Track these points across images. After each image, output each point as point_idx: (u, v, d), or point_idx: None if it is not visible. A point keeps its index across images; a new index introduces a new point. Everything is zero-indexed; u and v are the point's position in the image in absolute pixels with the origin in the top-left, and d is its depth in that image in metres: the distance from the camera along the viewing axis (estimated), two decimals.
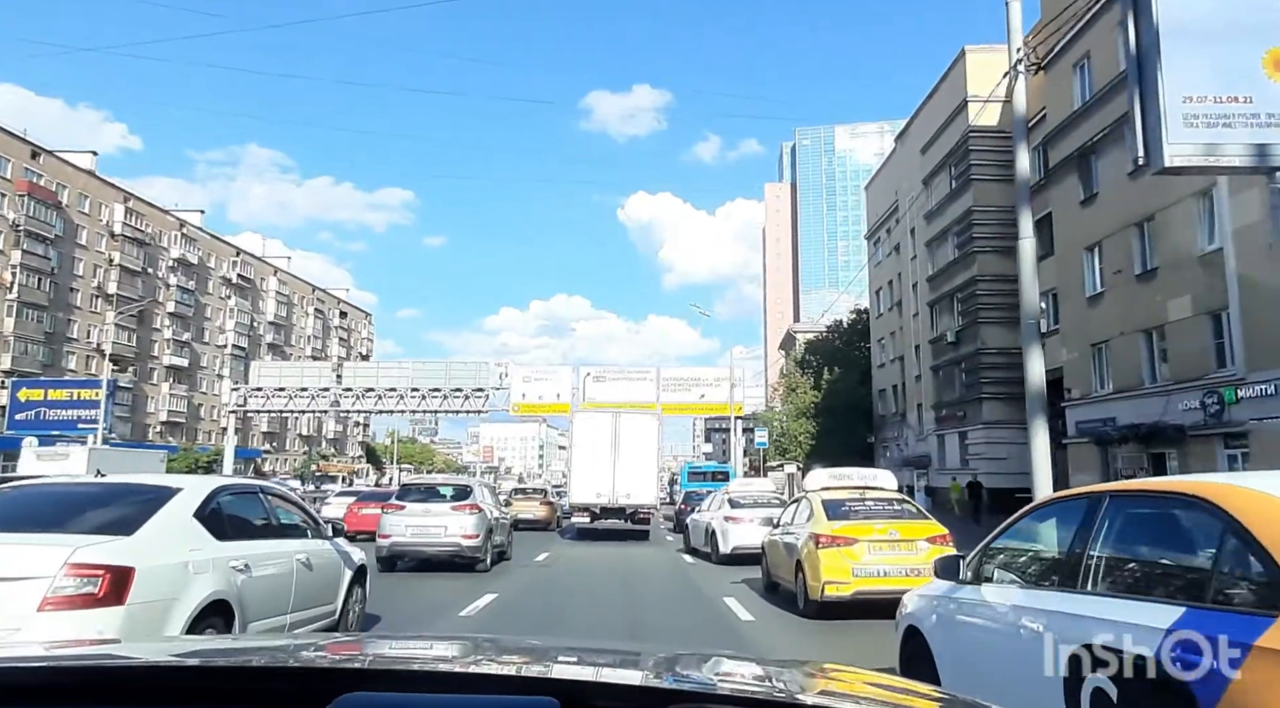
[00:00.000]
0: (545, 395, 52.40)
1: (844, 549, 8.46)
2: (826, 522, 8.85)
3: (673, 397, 51.53)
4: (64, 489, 5.90)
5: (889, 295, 41.46)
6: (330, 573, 6.73)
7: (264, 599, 5.52)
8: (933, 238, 33.67)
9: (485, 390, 53.66)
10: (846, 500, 9.43)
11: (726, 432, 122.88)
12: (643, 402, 51.45)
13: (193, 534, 5.01)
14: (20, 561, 4.17)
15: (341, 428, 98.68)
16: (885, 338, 42.26)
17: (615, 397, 51.00)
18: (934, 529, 8.88)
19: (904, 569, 8.23)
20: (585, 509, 21.34)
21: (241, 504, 5.91)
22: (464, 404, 53.75)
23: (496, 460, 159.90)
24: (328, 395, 53.55)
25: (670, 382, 52.26)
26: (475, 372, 54.00)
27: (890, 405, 41.55)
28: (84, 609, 4.10)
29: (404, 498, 13.56)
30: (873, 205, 44.98)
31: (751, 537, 13.49)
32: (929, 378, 34.65)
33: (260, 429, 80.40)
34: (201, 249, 70.99)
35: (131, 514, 4.81)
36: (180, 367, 67.78)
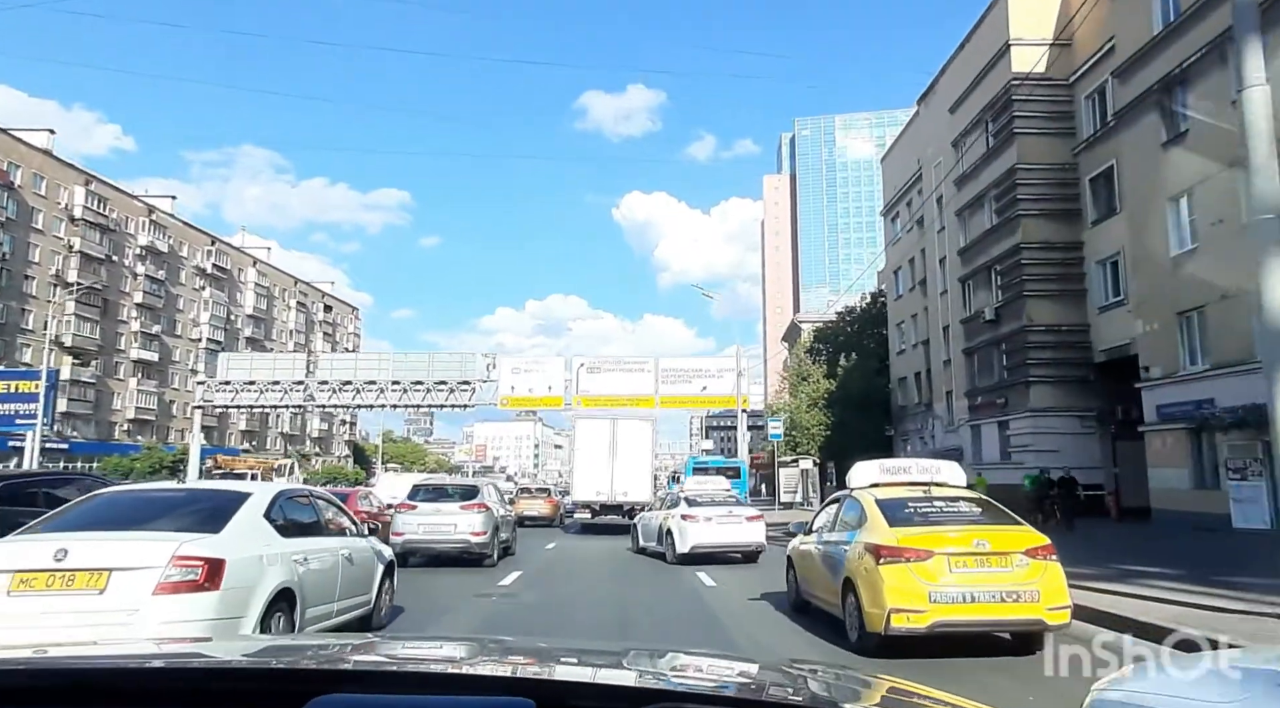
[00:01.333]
0: (535, 388, 48.77)
1: (915, 566, 6.47)
2: (888, 529, 6.91)
3: (672, 389, 48.06)
4: (155, 494, 6.93)
5: (909, 275, 37.80)
6: (367, 567, 7.54)
7: (318, 589, 6.41)
8: (965, 205, 30.01)
9: (472, 383, 50.01)
10: (909, 500, 7.44)
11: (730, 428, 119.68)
12: (640, 395, 48.00)
13: (264, 532, 5.91)
14: (136, 553, 5.08)
15: (326, 426, 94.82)
16: (906, 321, 38.60)
17: (610, 389, 47.52)
18: (1032, 538, 6.72)
19: (998, 593, 6.30)
20: (586, 506, 23.61)
21: (296, 507, 6.77)
22: (449, 398, 50.08)
23: (491, 460, 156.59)
24: (302, 389, 49.80)
25: (669, 373, 48.75)
26: (461, 364, 50.30)
27: (912, 395, 37.90)
28: (188, 594, 4.99)
29: (415, 498, 14.26)
30: (890, 179, 41.31)
31: (710, 536, 14.34)
32: (960, 362, 31.00)
33: (238, 427, 76.57)
34: (173, 237, 67.11)
35: (215, 515, 5.70)
36: (149, 361, 63.90)
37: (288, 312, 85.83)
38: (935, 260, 33.35)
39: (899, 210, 39.42)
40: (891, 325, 41.21)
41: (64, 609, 4.75)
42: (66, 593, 4.84)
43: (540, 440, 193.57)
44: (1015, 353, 26.63)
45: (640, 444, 23.79)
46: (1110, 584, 9.16)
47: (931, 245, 33.73)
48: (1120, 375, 23.46)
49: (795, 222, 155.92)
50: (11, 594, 4.84)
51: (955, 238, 31.18)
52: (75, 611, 4.75)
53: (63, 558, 4.90)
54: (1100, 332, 24.50)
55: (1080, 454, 24.75)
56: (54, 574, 4.88)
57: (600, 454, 23.18)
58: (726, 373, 49.92)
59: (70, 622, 4.65)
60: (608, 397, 48.03)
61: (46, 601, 4.81)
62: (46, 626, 4.56)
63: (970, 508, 7.26)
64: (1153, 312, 19.84)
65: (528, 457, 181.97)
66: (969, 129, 29.48)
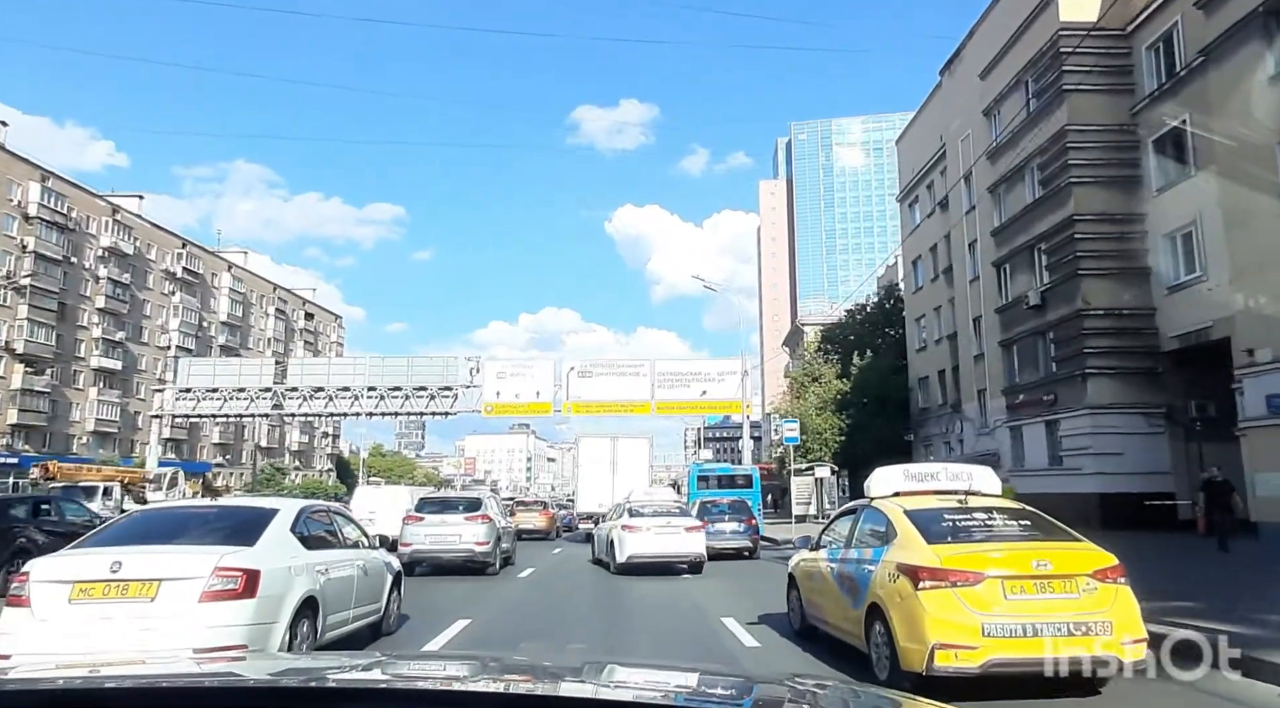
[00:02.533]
0: (523, 394, 45.12)
1: (963, 591, 5.28)
2: (926, 546, 5.68)
3: (669, 394, 44.65)
4: (191, 511, 7.49)
5: (931, 264, 34.43)
6: (378, 578, 8.09)
7: (337, 598, 6.88)
8: (1001, 180, 26.66)
9: (454, 389, 46.39)
10: (944, 512, 6.16)
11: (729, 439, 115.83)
12: (635, 400, 44.56)
13: (291, 545, 6.45)
14: (182, 565, 5.61)
15: (307, 439, 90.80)
16: (927, 315, 35.19)
17: (603, 394, 44.06)
18: (1100, 557, 5.49)
19: (1065, 625, 5.12)
20: (590, 517, 24.80)
21: (317, 522, 7.30)
22: (430, 405, 46.48)
23: (483, 473, 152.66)
24: (269, 397, 46.07)
25: (666, 377, 45.25)
26: (443, 368, 46.75)
27: (935, 396, 34.44)
28: (229, 601, 5.49)
29: (422, 510, 14.93)
30: (906, 161, 38.00)
31: (647, 546, 14.40)
32: (996, 356, 27.54)
33: (211, 440, 72.60)
34: (139, 238, 63.39)
35: (248, 529, 6.24)
36: (112, 370, 60.03)
37: (265, 319, 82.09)
38: (963, 245, 29.94)
39: (918, 194, 36.09)
40: (910, 321, 37.79)
41: (119, 615, 5.33)
42: (121, 601, 5.38)
43: (533, 454, 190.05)
44: (1067, 342, 23.18)
45: (638, 460, 26.01)
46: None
47: (958, 229, 30.33)
48: (1196, 365, 20.06)
49: (792, 228, 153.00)
50: (73, 602, 5.39)
51: (988, 218, 27.80)
52: (129, 616, 5.33)
53: (118, 570, 5.44)
54: (1169, 315, 21.08)
55: (1147, 458, 21.27)
56: (110, 584, 5.42)
57: (602, 470, 25.36)
58: (728, 376, 46.49)
59: (125, 627, 5.28)
60: (600, 402, 44.58)
61: (104, 607, 5.36)
62: (104, 630, 5.23)
63: (1017, 521, 6.14)
64: (1258, 283, 16.39)
65: (520, 470, 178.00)
66: (1005, 93, 26.17)
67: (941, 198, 32.92)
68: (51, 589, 5.42)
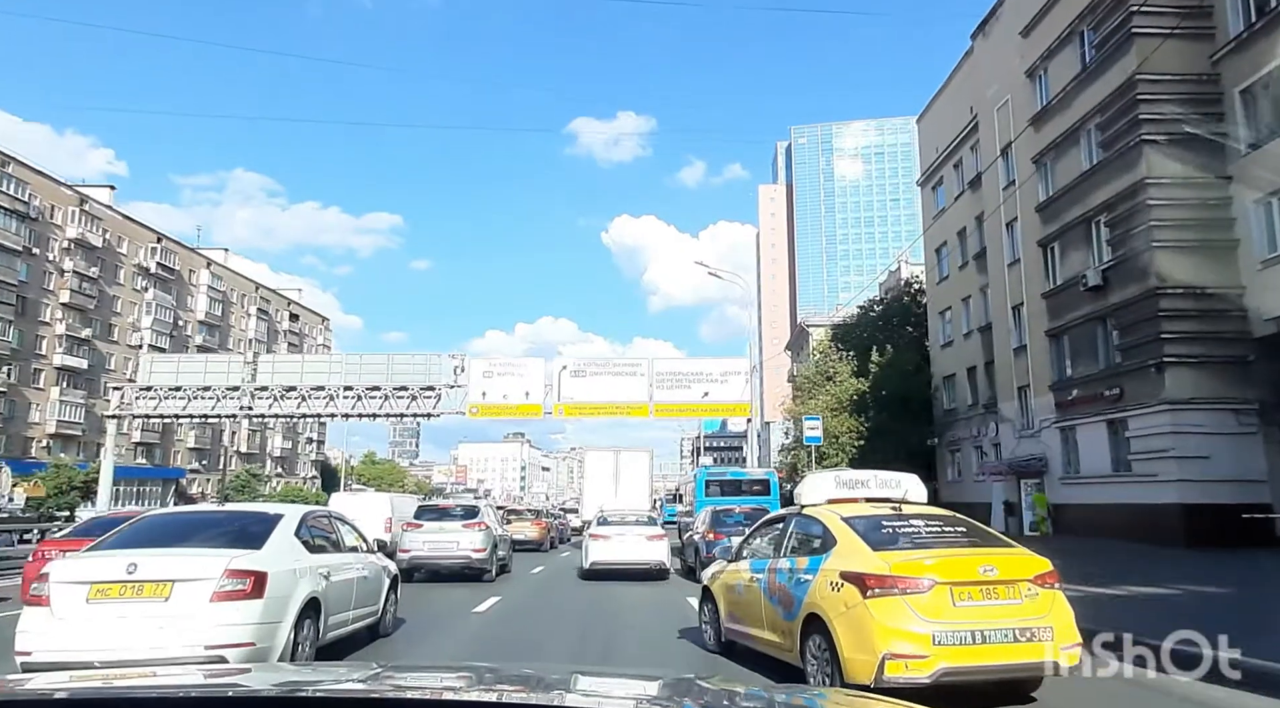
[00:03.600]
0: (511, 394, 41.71)
1: (912, 599, 5.17)
2: (871, 553, 5.56)
3: (668, 395, 41.27)
4: (201, 515, 8.07)
5: (959, 250, 31.27)
6: (376, 581, 8.35)
7: (338, 600, 7.15)
8: (1049, 147, 23.54)
9: (437, 389, 42.88)
10: (883, 519, 6.07)
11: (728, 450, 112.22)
12: (631, 402, 41.21)
13: (295, 549, 6.73)
14: (195, 567, 5.87)
15: (290, 445, 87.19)
16: (954, 307, 32.00)
17: (597, 395, 40.71)
18: (1038, 563, 5.49)
19: (1011, 630, 5.09)
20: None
21: (319, 527, 7.53)
22: (411, 406, 42.95)
23: (475, 481, 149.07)
24: (238, 396, 42.60)
25: (665, 377, 41.87)
26: (426, 367, 43.24)
27: (963, 395, 31.20)
28: (238, 601, 5.75)
29: (421, 518, 15.30)
30: (928, 140, 34.88)
31: (609, 553, 14.81)
32: (1042, 348, 24.32)
33: (186, 445, 68.97)
34: (109, 231, 59.99)
35: (255, 534, 6.51)
36: (76, 369, 56.48)
37: (246, 319, 78.61)
38: (999, 226, 26.74)
39: (942, 175, 32.97)
40: (933, 314, 34.60)
41: (135, 614, 5.58)
42: (136, 600, 5.63)
43: (527, 462, 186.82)
44: (1136, 327, 19.94)
45: (639, 471, 27.67)
46: None
47: (994, 208, 27.15)
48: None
49: (792, 233, 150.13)
50: (90, 602, 5.63)
51: (1031, 192, 24.64)
52: (144, 616, 5.57)
53: (134, 571, 5.70)
54: (1261, 295, 17.86)
55: (1238, 463, 17.99)
56: (126, 584, 5.67)
57: (606, 481, 26.93)
58: (732, 377, 43.12)
59: (140, 626, 5.53)
60: (594, 404, 41.18)
61: (120, 607, 5.61)
62: (120, 629, 5.51)
63: (954, 528, 6.05)
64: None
65: (514, 479, 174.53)
66: (1055, 48, 23.07)
67: (973, 176, 29.79)
68: (70, 590, 5.67)
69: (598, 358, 42.40)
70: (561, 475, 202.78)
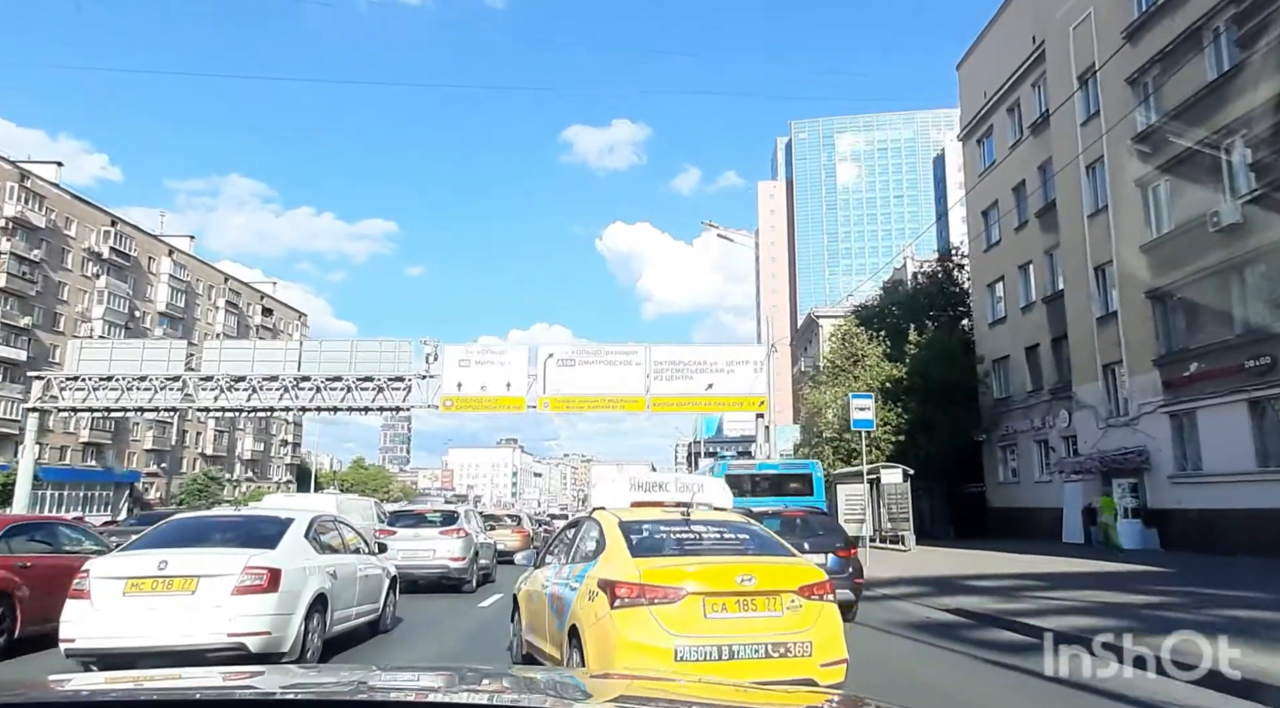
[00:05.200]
0: (490, 385, 36.69)
1: (660, 609, 4.80)
2: (629, 558, 5.22)
3: (668, 387, 36.44)
4: (220, 519, 8.11)
5: (1016, 209, 26.39)
6: (377, 581, 8.90)
7: (343, 596, 7.71)
8: (1152, 61, 18.73)
9: (406, 380, 37.79)
10: (662, 524, 5.76)
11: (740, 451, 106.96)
12: (626, 394, 36.38)
13: (305, 549, 7.26)
14: (218, 564, 6.48)
15: (262, 447, 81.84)
16: (1008, 277, 27.12)
17: (588, 386, 35.80)
18: (807, 573, 5.14)
19: (764, 646, 4.72)
20: None
21: (326, 530, 8.06)
22: (376, 399, 37.78)
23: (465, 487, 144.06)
24: (178, 387, 37.40)
25: (665, 367, 37.02)
26: (395, 356, 38.11)
27: (1021, 380, 26.30)
28: (256, 594, 6.33)
29: (395, 524, 14.44)
30: (971, 88, 30.03)
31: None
32: (1141, 312, 19.43)
33: (143, 446, 63.60)
34: (55, 211, 54.78)
35: (269, 535, 7.09)
36: (13, 360, 51.25)
37: (214, 312, 73.38)
38: (1076, 170, 21.81)
39: (992, 123, 28.12)
40: (977, 288, 29.73)
41: (165, 606, 6.20)
42: (167, 594, 6.27)
43: (519, 468, 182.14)
44: None
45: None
46: None
47: (1067, 149, 22.27)
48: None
49: (792, 230, 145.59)
50: (126, 595, 6.24)
51: (1126, 122, 19.75)
52: (174, 607, 6.19)
53: (164, 567, 6.34)
54: None
55: None
56: (157, 579, 6.31)
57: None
58: (739, 367, 38.10)
59: (170, 616, 6.15)
60: (584, 396, 36.15)
61: (152, 599, 6.23)
62: (152, 619, 6.13)
63: (737, 535, 5.65)
64: None
65: (505, 485, 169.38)
66: None
67: (1036, 117, 24.95)
68: (108, 584, 6.29)
69: (588, 346, 37.30)
70: (554, 481, 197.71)
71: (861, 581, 9.58)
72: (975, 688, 6.19)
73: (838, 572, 9.43)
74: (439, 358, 36.69)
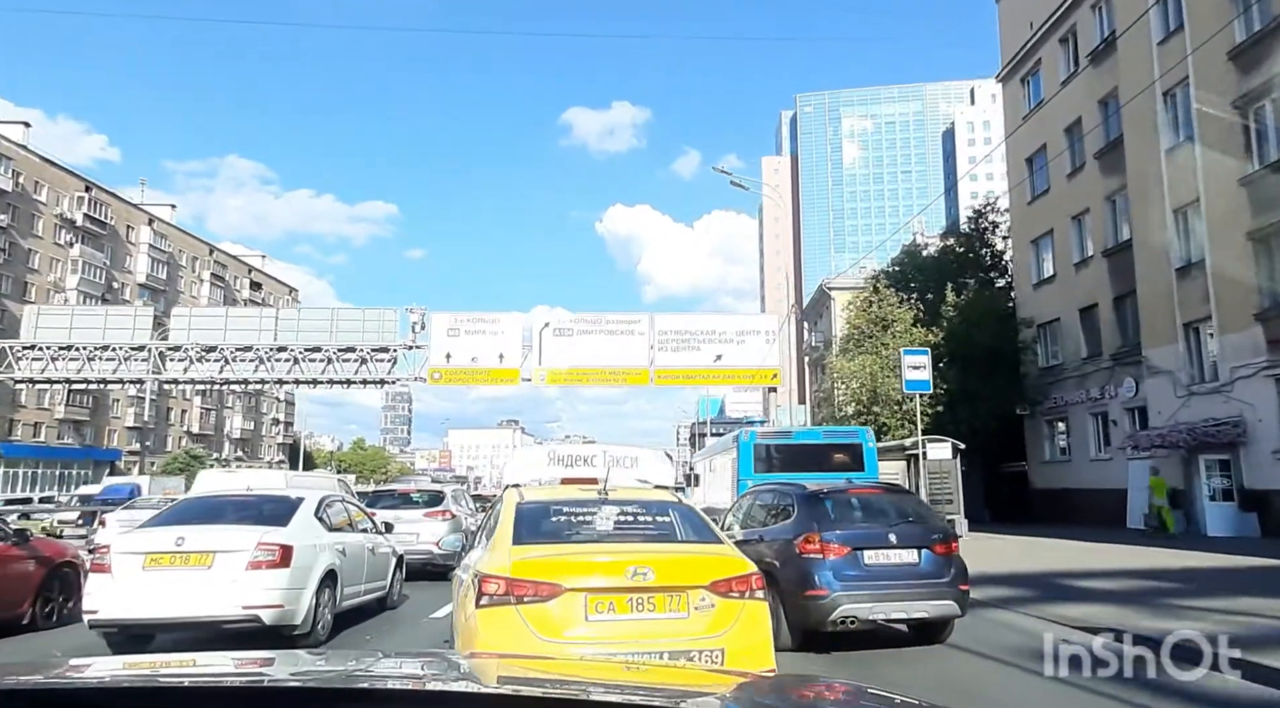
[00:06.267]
0: (482, 356, 34.06)
1: (531, 608, 4.01)
2: (509, 546, 4.46)
3: (673, 359, 33.95)
4: (234, 498, 8.23)
5: (1070, 151, 23.34)
6: (384, 559, 9.11)
7: (352, 573, 7.92)
8: None
9: (391, 350, 35.13)
10: (568, 505, 4.91)
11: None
12: (628, 367, 33.85)
13: (316, 527, 7.48)
14: (233, 539, 6.67)
15: (251, 425, 79.22)
16: (1057, 229, 24.15)
17: (586, 358, 33.23)
18: (727, 564, 4.33)
19: (661, 655, 3.89)
20: None
21: (334, 509, 8.23)
22: (359, 372, 35.13)
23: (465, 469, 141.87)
24: (144, 357, 34.70)
25: (670, 337, 34.45)
26: (379, 325, 35.36)
27: (1075, 345, 23.40)
28: (269, 570, 6.54)
29: (374, 506, 12.98)
30: (1013, 20, 26.81)
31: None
32: (1238, 258, 16.48)
33: (124, 423, 60.95)
34: (24, 174, 51.73)
35: (281, 513, 7.29)
36: None
37: (198, 285, 70.50)
38: (1152, 99, 18.72)
39: (1040, 57, 25.00)
40: (1019, 245, 26.78)
41: (183, 580, 6.43)
42: (184, 568, 6.49)
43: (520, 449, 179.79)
44: None
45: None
46: None
47: (1138, 77, 19.17)
48: None
49: (797, 207, 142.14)
50: (146, 569, 6.47)
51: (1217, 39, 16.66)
52: (191, 581, 6.42)
53: (181, 543, 6.55)
54: None
55: None
56: (175, 555, 6.53)
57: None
58: (750, 337, 35.46)
59: (188, 589, 6.39)
60: (582, 369, 33.53)
61: (171, 573, 6.46)
62: (171, 591, 6.38)
63: (656, 518, 4.85)
64: None
65: None
66: None
67: (1097, 43, 21.85)
68: (128, 559, 6.51)
69: (588, 315, 34.41)
70: None
71: (968, 588, 6.67)
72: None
73: (934, 576, 6.52)
74: (426, 327, 33.94)
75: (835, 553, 6.26)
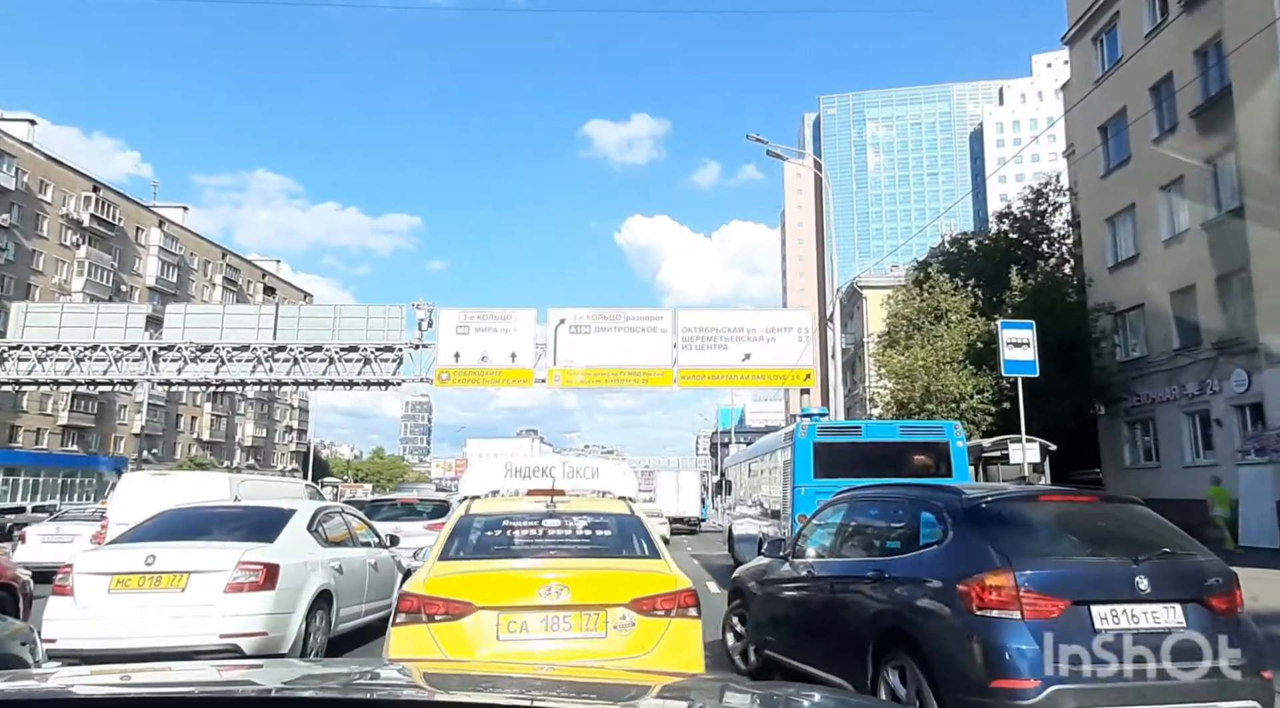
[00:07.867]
0: (493, 355, 31.71)
1: (443, 628, 3.91)
2: (435, 563, 4.40)
3: (698, 358, 31.56)
4: (216, 510, 7.66)
5: (1157, 113, 20.46)
6: (389, 574, 8.39)
7: (350, 592, 7.28)
8: None
9: (396, 350, 32.95)
10: (507, 517, 4.81)
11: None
12: (650, 366, 31.44)
13: (307, 543, 6.85)
14: (209, 559, 6.03)
15: (264, 432, 77.49)
16: (1139, 204, 21.25)
17: (605, 357, 30.83)
18: (653, 581, 4.10)
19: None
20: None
21: (331, 521, 7.66)
22: (362, 372, 32.92)
23: None
24: (136, 357, 32.75)
25: (694, 334, 32.03)
26: (383, 323, 33.19)
27: (1165, 335, 20.46)
28: (251, 592, 5.87)
29: (373, 516, 12.06)
30: None
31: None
32: None
33: (130, 430, 59.22)
34: (29, 173, 50.33)
35: (268, 527, 6.64)
36: None
37: (210, 289, 68.99)
38: (1275, 37, 15.88)
39: (1118, 10, 22.16)
40: (1091, 225, 23.85)
41: (153, 604, 5.74)
42: (155, 591, 5.82)
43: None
44: None
45: (691, 485, 36.35)
46: None
47: (1256, 12, 16.31)
48: None
49: (820, 211, 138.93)
50: (112, 592, 5.81)
51: None
52: (162, 605, 5.73)
53: (152, 562, 5.88)
54: None
55: None
56: (145, 576, 5.86)
57: (670, 492, 34.46)
58: (781, 334, 33.03)
59: (159, 615, 5.68)
60: (600, 369, 31.16)
61: (140, 597, 5.79)
62: (140, 618, 5.67)
63: (597, 531, 4.67)
64: None
65: None
66: None
67: None
68: (93, 580, 5.87)
69: (606, 311, 31.95)
70: None
71: (1271, 676, 3.68)
72: None
73: (1216, 653, 3.57)
74: (434, 324, 31.65)
75: (1043, 610, 3.52)
